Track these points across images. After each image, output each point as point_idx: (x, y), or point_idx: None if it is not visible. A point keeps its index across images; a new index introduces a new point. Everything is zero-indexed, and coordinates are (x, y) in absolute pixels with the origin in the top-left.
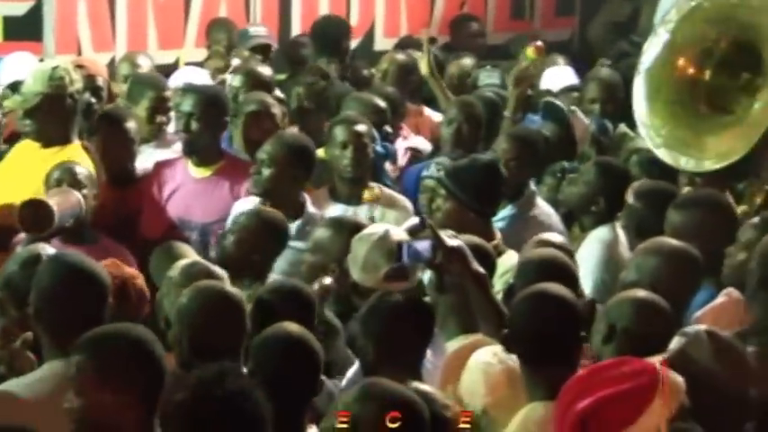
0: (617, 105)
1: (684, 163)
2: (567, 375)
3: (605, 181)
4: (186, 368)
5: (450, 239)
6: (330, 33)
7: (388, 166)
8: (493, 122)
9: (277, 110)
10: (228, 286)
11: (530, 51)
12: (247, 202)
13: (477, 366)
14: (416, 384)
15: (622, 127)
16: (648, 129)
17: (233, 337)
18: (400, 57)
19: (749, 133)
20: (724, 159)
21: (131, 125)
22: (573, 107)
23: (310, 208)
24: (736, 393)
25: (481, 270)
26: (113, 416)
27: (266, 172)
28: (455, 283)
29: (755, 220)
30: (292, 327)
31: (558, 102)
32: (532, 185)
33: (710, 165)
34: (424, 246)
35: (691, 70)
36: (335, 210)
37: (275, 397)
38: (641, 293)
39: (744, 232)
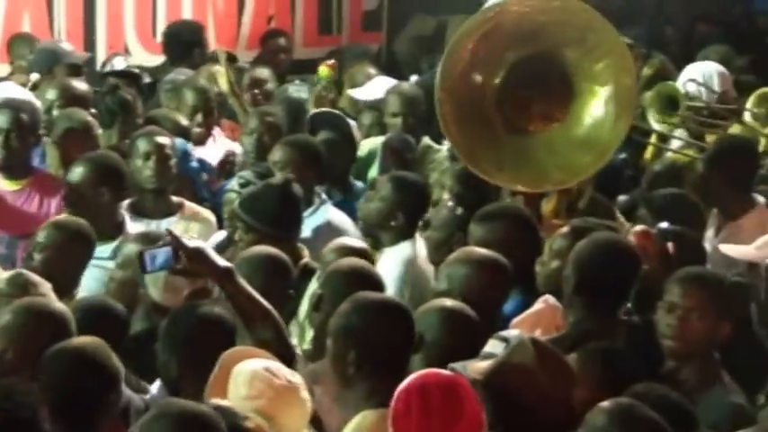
0: (418, 119)
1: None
2: (395, 384)
3: (403, 196)
4: None
5: (190, 241)
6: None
7: (206, 178)
8: (298, 125)
9: (94, 126)
10: (55, 302)
11: (322, 70)
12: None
13: (240, 375)
14: (215, 400)
15: (426, 140)
16: (471, 157)
17: None
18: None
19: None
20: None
21: None
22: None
23: (129, 227)
24: (560, 397)
25: (228, 265)
26: None
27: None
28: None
29: (566, 229)
30: (80, 341)
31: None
32: (323, 194)
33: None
34: (164, 252)
35: (488, 86)
36: (140, 226)
37: (62, 413)
38: (448, 303)
39: (555, 240)
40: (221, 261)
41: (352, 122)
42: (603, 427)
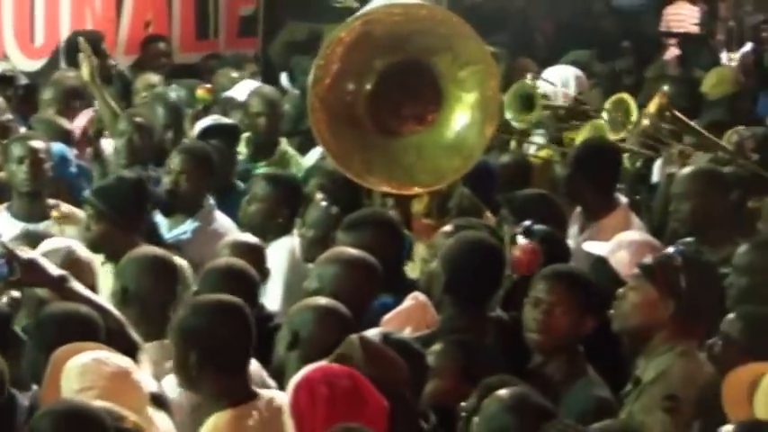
0: (279, 120)
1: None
2: (241, 382)
3: (282, 192)
4: None
5: (23, 252)
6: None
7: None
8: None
9: None
10: None
11: (200, 93)
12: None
13: (71, 371)
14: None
15: (284, 144)
16: (342, 159)
17: None
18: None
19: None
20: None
21: None
22: None
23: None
24: (392, 393)
25: (62, 273)
26: None
27: None
28: (135, 295)
29: (448, 228)
30: None
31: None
32: (211, 199)
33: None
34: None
35: (356, 87)
36: (18, 227)
37: None
38: (322, 301)
39: (437, 239)
40: (55, 270)
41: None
42: (498, 413)
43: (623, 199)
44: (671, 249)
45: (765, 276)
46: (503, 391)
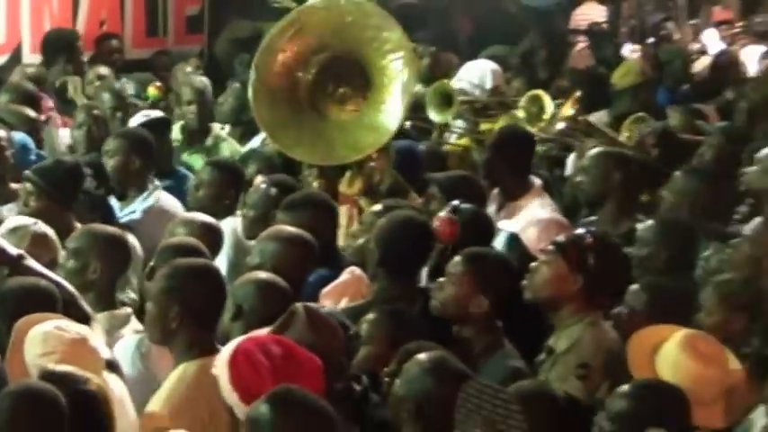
0: (208, 107)
1: (317, 158)
2: (210, 337)
3: (227, 177)
4: None
5: None
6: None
7: None
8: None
9: None
10: None
11: (152, 90)
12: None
13: (35, 337)
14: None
15: (216, 129)
16: (273, 131)
17: None
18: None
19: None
20: (355, 152)
21: None
22: None
23: None
24: (331, 359)
25: (19, 252)
26: None
27: None
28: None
29: (377, 207)
30: None
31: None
32: (156, 180)
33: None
34: None
35: (296, 74)
36: None
37: None
38: (263, 275)
39: (367, 217)
40: (12, 249)
41: None
42: (418, 376)
43: (537, 181)
44: (582, 230)
45: (665, 249)
46: (422, 355)
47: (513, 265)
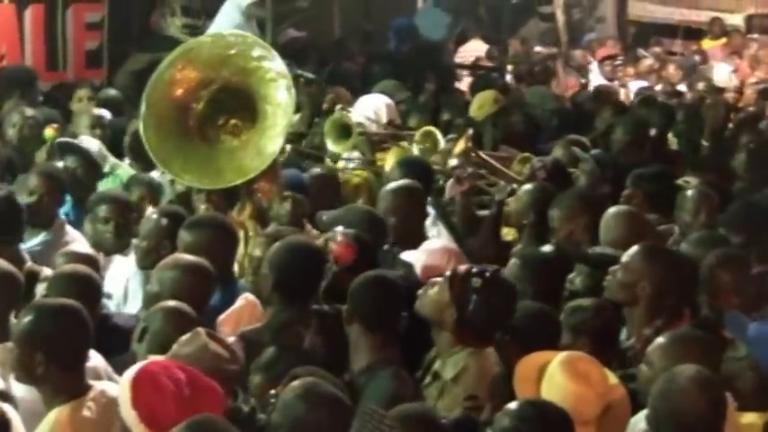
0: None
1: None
2: (79, 378)
3: (118, 214)
4: None
5: None
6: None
7: None
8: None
9: None
10: None
11: (48, 132)
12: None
13: None
14: None
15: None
16: (163, 158)
17: None
18: None
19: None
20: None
21: None
22: None
23: None
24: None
25: None
26: None
27: None
28: None
29: (261, 238)
30: None
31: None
32: (62, 215)
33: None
34: None
35: (187, 105)
36: None
37: None
38: (171, 302)
39: (254, 249)
40: None
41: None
42: (291, 402)
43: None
44: (477, 269)
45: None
46: (295, 382)
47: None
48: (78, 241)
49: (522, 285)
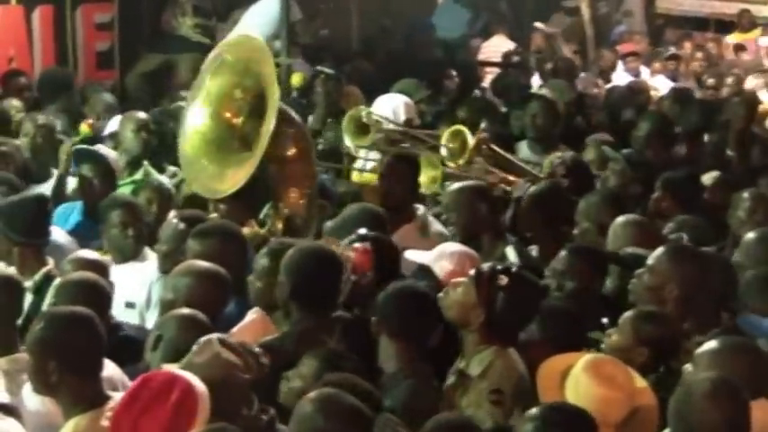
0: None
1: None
2: (96, 387)
3: (128, 217)
4: None
5: None
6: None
7: None
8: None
9: None
10: None
11: (83, 128)
12: None
13: None
14: None
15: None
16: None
17: None
18: None
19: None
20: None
21: None
22: None
23: None
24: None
25: None
26: None
27: None
28: None
29: (264, 250)
30: None
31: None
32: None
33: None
34: None
35: (227, 116)
36: None
37: None
38: (184, 309)
39: (258, 262)
40: None
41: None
42: (308, 413)
43: (421, 209)
44: (501, 267)
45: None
46: (312, 393)
47: None
48: (71, 244)
49: (562, 280)
